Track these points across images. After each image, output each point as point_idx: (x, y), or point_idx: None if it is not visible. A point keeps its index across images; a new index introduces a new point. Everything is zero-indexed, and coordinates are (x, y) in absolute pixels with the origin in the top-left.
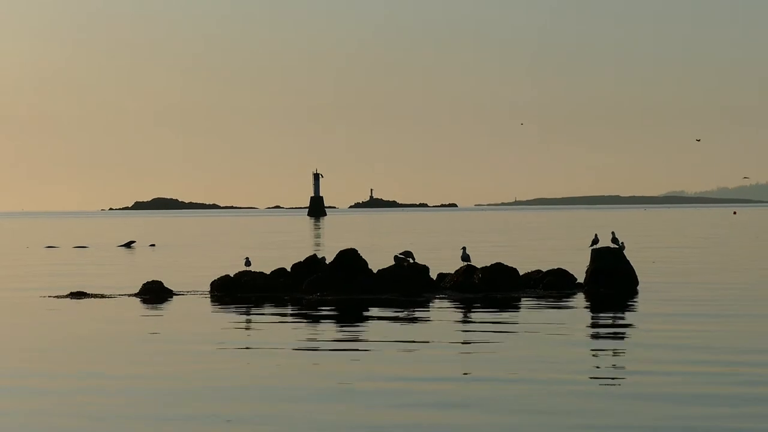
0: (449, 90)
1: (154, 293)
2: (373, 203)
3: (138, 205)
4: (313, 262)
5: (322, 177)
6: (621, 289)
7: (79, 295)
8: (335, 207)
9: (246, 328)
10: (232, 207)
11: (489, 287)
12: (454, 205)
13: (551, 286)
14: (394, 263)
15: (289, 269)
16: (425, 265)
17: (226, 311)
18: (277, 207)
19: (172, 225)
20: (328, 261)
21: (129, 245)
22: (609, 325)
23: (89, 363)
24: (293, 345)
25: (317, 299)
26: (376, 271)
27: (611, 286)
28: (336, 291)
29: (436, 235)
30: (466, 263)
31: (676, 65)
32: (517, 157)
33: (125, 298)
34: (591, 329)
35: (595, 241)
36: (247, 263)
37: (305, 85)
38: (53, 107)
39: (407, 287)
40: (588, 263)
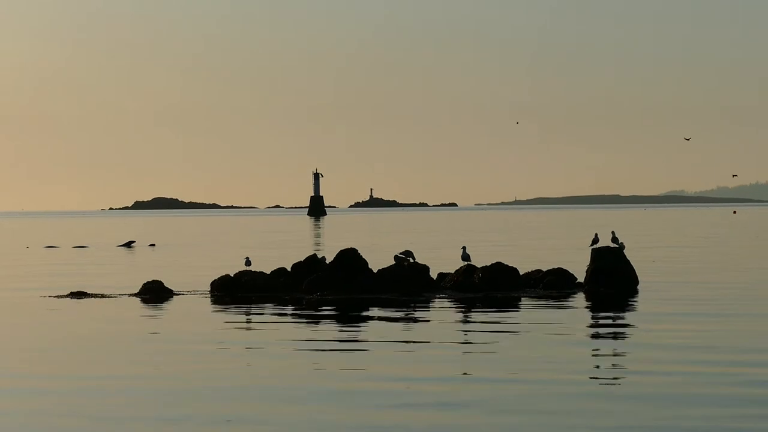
0: (449, 90)
1: (154, 293)
2: (373, 203)
3: (138, 205)
4: (313, 261)
5: (322, 177)
6: (621, 289)
7: (79, 295)
8: (335, 207)
9: (246, 328)
10: (232, 207)
11: (489, 287)
12: (454, 205)
13: (551, 285)
14: (394, 263)
15: (289, 269)
16: (425, 265)
17: (226, 311)
18: (277, 207)
19: (172, 225)
20: (328, 261)
21: (129, 245)
22: (609, 325)
23: (89, 363)
24: (293, 345)
25: (317, 299)
26: (376, 271)
27: (611, 285)
28: (336, 291)
29: (436, 235)
30: (466, 263)
31: (676, 65)
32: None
33: (125, 297)
34: (591, 329)
35: (595, 241)
36: (247, 263)
37: (305, 85)
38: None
39: (407, 287)
40: (588, 263)
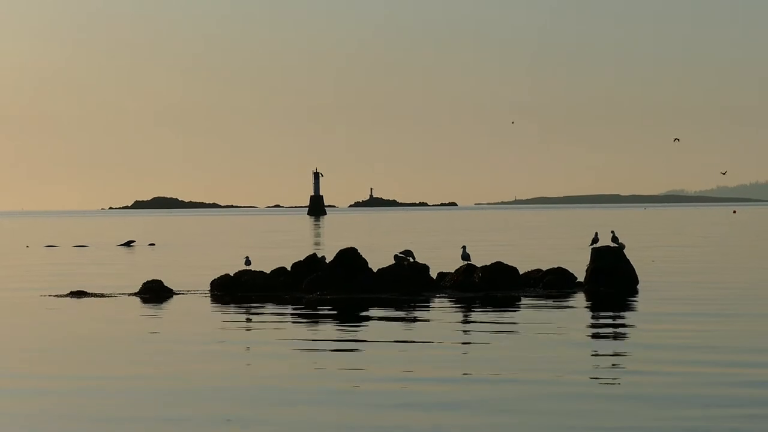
0: (449, 90)
1: (154, 292)
2: (373, 202)
3: (138, 205)
4: (313, 261)
5: (322, 176)
6: (621, 289)
7: (79, 295)
8: (335, 206)
9: (246, 327)
10: (231, 206)
11: (489, 286)
12: (454, 205)
13: (551, 285)
14: (394, 262)
15: (289, 268)
16: (425, 264)
17: (226, 310)
18: (277, 206)
19: (171, 224)
20: (328, 260)
21: (129, 244)
22: (609, 325)
23: (89, 363)
24: (293, 344)
25: (317, 298)
26: (376, 270)
27: (611, 285)
28: (336, 290)
29: (436, 234)
30: (466, 262)
31: (676, 65)
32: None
33: (125, 297)
34: (591, 329)
35: (595, 240)
36: (247, 262)
37: (305, 85)
38: (53, 107)
39: (407, 286)
40: (588, 262)
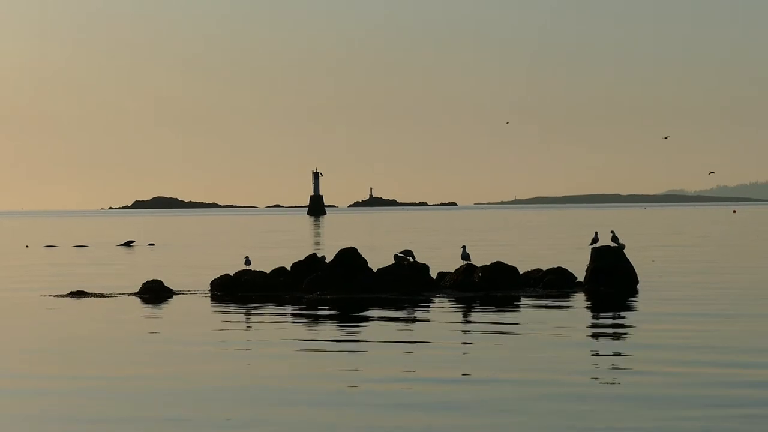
0: (449, 90)
1: (154, 292)
2: (373, 202)
3: (138, 205)
4: (313, 261)
5: (321, 176)
6: (621, 288)
7: (79, 295)
8: (335, 206)
9: (246, 327)
10: (231, 206)
11: (489, 286)
12: (453, 204)
13: (551, 285)
14: (394, 262)
15: (289, 268)
16: (425, 264)
17: (226, 310)
18: (277, 206)
19: (171, 224)
20: (328, 260)
21: (129, 244)
22: (609, 325)
23: (89, 363)
24: (293, 344)
25: (317, 298)
26: (376, 270)
27: (611, 285)
28: (336, 290)
29: (435, 234)
30: (466, 262)
31: (676, 65)
32: (517, 156)
33: (125, 297)
34: (591, 329)
35: (595, 240)
36: (247, 262)
37: (305, 85)
38: (53, 107)
39: (407, 286)
40: (588, 262)
